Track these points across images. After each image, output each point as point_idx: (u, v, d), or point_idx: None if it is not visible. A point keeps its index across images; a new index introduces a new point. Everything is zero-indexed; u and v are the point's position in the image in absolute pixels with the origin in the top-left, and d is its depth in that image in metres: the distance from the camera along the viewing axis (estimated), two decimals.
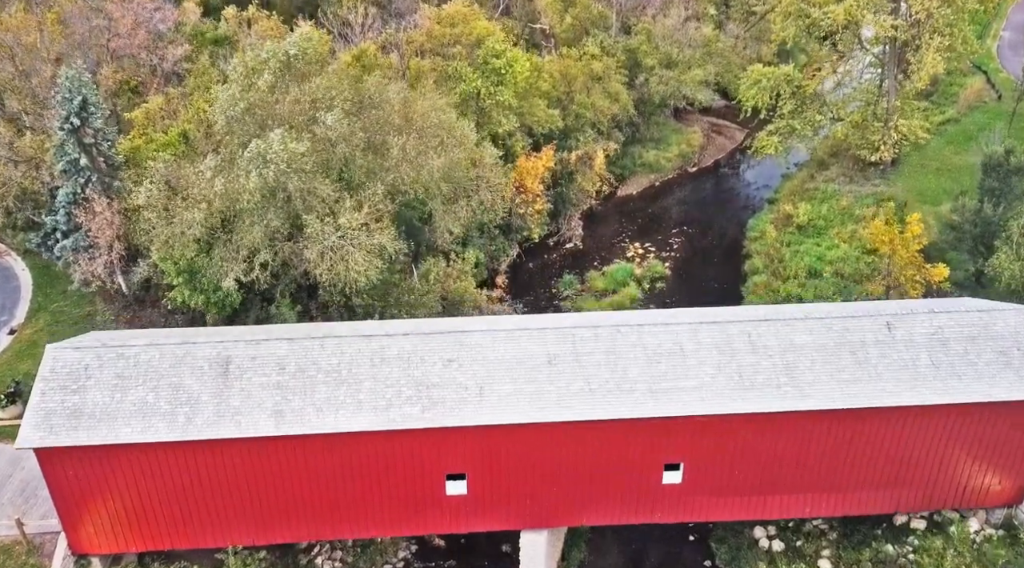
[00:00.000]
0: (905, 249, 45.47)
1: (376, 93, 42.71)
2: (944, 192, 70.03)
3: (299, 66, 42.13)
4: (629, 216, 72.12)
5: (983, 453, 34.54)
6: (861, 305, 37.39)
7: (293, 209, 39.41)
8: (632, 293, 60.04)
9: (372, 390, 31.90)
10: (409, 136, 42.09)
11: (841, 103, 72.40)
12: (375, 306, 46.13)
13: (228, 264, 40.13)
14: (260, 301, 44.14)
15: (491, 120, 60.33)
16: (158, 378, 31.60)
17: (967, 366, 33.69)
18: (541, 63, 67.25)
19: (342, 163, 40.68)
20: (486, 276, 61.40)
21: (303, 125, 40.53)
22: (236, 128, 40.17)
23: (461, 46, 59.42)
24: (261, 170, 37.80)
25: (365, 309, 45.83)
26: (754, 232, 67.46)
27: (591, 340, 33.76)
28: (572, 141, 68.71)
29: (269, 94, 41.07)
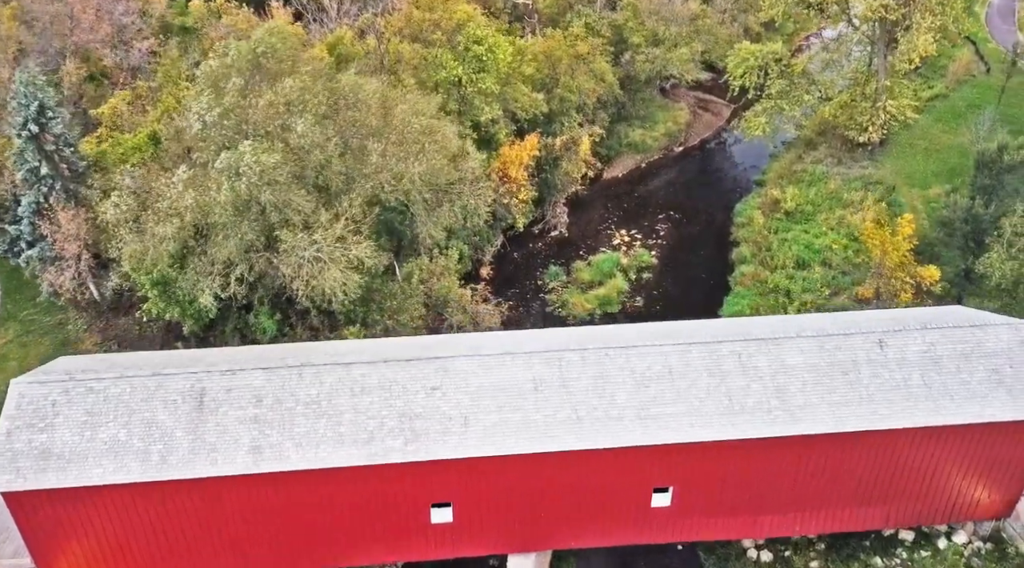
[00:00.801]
0: (896, 252, 44.45)
1: (351, 93, 40.72)
2: (933, 174, 68.95)
3: (269, 65, 40.05)
4: (615, 200, 70.62)
5: (974, 470, 34.00)
6: (853, 318, 36.43)
7: (268, 221, 37.76)
8: (619, 285, 58.90)
9: (353, 422, 30.77)
10: (388, 140, 40.27)
11: (830, 83, 70.72)
12: (357, 311, 44.78)
13: (203, 278, 38.56)
14: (238, 310, 42.67)
15: (473, 108, 58.37)
16: (129, 413, 30.30)
17: (960, 385, 32.93)
18: (524, 46, 64.99)
19: (318, 170, 38.90)
20: (471, 268, 60.10)
21: (276, 132, 38.65)
22: (211, 134, 38.24)
23: (441, 31, 57.10)
24: (233, 183, 36.05)
25: (346, 315, 44.49)
26: (741, 217, 66.21)
27: (578, 364, 32.67)
28: (557, 125, 66.80)
29: (241, 98, 39.06)
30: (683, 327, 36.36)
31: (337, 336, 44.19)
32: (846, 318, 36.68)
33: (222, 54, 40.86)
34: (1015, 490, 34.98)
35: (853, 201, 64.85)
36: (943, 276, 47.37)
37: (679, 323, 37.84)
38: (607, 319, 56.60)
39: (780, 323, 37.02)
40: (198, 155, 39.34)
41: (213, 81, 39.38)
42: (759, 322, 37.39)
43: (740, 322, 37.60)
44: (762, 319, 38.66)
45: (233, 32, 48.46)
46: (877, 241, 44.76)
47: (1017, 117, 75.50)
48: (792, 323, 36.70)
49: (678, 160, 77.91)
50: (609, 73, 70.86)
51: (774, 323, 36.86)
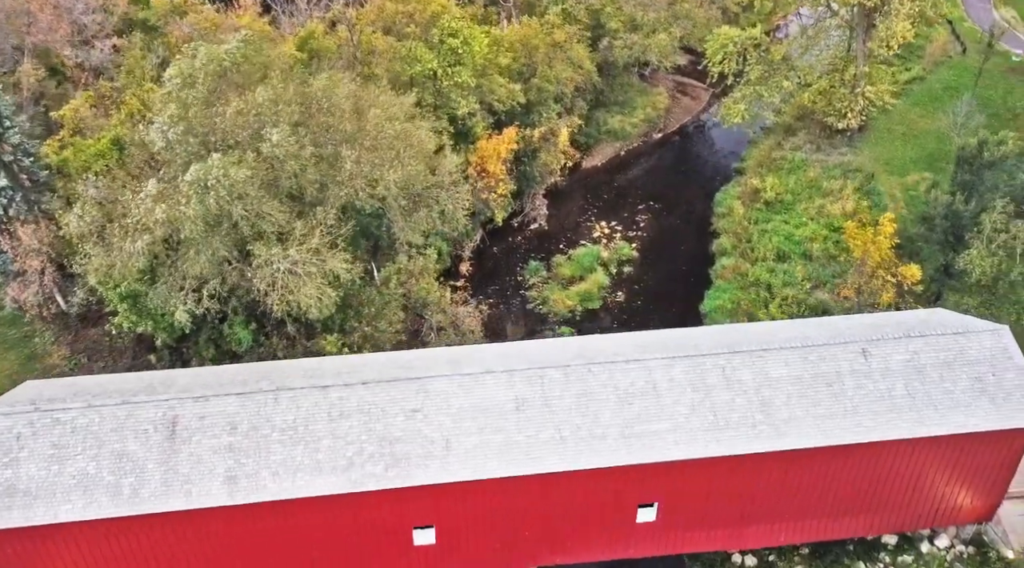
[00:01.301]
0: (878, 252, 43.90)
1: (324, 97, 39.21)
2: (911, 161, 68.48)
3: (238, 78, 38.48)
4: (594, 191, 69.58)
5: (957, 477, 33.78)
6: (836, 326, 35.86)
7: (240, 235, 36.42)
8: (600, 280, 58.09)
9: (331, 448, 29.86)
10: (362, 146, 38.89)
11: (809, 68, 69.78)
12: (334, 319, 43.64)
13: (175, 293, 37.26)
14: (212, 320, 41.42)
15: (449, 102, 56.93)
16: (99, 445, 29.18)
17: (943, 394, 32.56)
18: (500, 35, 63.39)
19: (292, 180, 37.52)
20: (450, 264, 59.03)
21: (247, 142, 37.16)
22: (177, 148, 36.70)
23: (415, 24, 55.40)
24: (202, 197, 34.65)
25: (324, 324, 43.35)
26: (721, 208, 65.45)
27: (561, 382, 31.90)
28: (535, 116, 65.45)
29: (207, 106, 37.48)
30: (666, 337, 35.64)
31: (314, 345, 43.12)
32: (829, 326, 36.13)
33: (190, 56, 39.16)
34: (997, 494, 34.86)
35: (833, 190, 64.33)
36: (923, 271, 46.97)
37: (662, 332, 37.11)
38: (588, 316, 55.93)
39: (763, 331, 36.42)
40: (165, 169, 37.77)
41: (178, 89, 37.67)
42: (742, 330, 36.75)
43: (723, 331, 36.95)
44: (745, 327, 38.01)
45: (197, 31, 46.54)
46: (859, 241, 44.18)
47: (993, 99, 75.21)
48: (775, 330, 36.11)
49: (657, 147, 76.91)
50: (587, 61, 69.45)
51: (757, 331, 36.24)
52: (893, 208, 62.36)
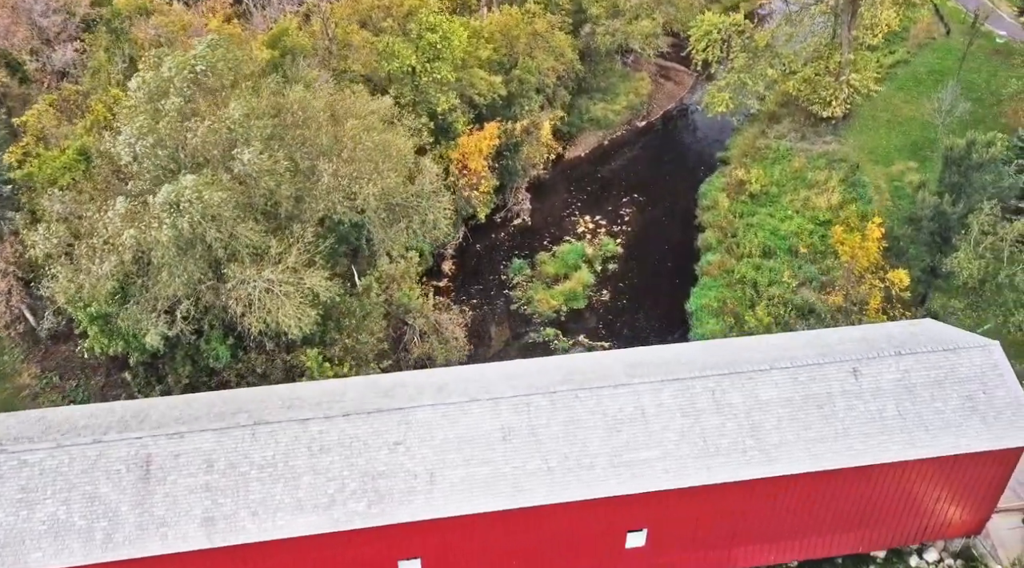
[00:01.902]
0: (866, 257, 43.01)
1: (299, 109, 37.50)
2: (895, 149, 67.55)
3: (210, 82, 36.69)
4: (578, 183, 68.23)
5: (948, 493, 33.30)
6: (826, 341, 35.00)
7: (214, 257, 34.92)
8: (584, 278, 56.98)
9: (312, 485, 28.81)
10: (340, 158, 37.32)
11: (793, 56, 68.36)
12: (314, 332, 42.32)
13: (147, 314, 35.80)
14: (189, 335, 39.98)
15: (429, 98, 55.17)
16: (69, 488, 27.96)
17: (934, 414, 31.93)
18: (480, 26, 61.42)
19: (267, 197, 35.98)
20: (432, 264, 57.72)
21: (219, 160, 35.50)
22: (146, 162, 34.99)
23: (392, 19, 53.41)
24: (175, 220, 33.07)
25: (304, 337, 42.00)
26: (706, 200, 64.31)
27: (547, 409, 30.93)
28: (517, 108, 63.75)
29: (179, 121, 35.72)
30: (654, 356, 34.68)
31: (294, 358, 41.88)
32: (819, 341, 35.31)
33: (154, 65, 37.29)
34: (986, 509, 34.48)
35: (818, 181, 63.39)
36: (910, 271, 46.21)
37: (650, 350, 36.13)
38: (573, 316, 54.95)
39: (752, 347, 35.53)
40: (134, 183, 36.05)
41: (146, 100, 35.88)
42: (731, 347, 35.80)
43: (712, 347, 35.98)
44: (734, 343, 37.08)
45: (163, 35, 44.38)
46: (848, 247, 43.23)
47: (977, 84, 74.16)
48: (764, 347, 35.22)
49: (641, 135, 75.46)
50: (569, 50, 67.67)
51: (746, 347, 35.33)
52: (878, 200, 61.66)
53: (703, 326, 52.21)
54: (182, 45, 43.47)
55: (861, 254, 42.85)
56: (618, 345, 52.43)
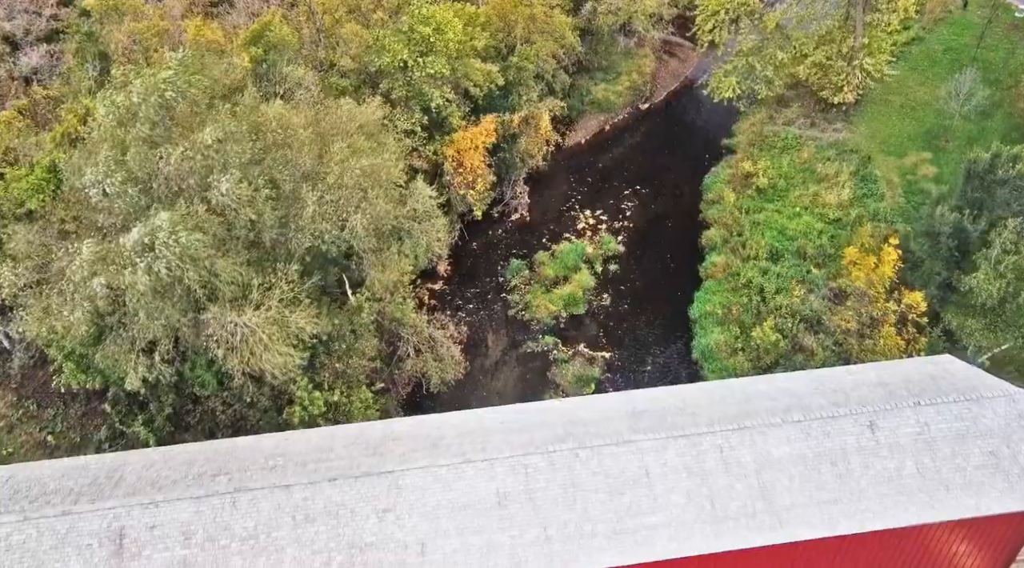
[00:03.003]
0: (882, 283, 40.53)
1: (279, 127, 34.56)
2: (908, 138, 64.42)
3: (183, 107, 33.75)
4: (578, 174, 65.23)
5: (966, 550, 31.49)
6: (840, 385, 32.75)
7: (194, 298, 32.47)
8: (584, 280, 54.53)
9: (296, 559, 26.95)
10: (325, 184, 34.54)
11: (805, 38, 64.57)
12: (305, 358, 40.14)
13: (125, 355, 33.54)
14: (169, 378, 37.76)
15: (422, 93, 51.92)
16: (37, 566, 26.10)
17: (955, 472, 29.96)
18: (475, 12, 57.68)
19: (248, 227, 33.35)
20: (427, 264, 55.03)
21: (195, 189, 32.77)
22: (117, 201, 32.27)
23: (383, 10, 49.83)
24: (150, 263, 30.53)
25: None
26: (711, 193, 61.47)
27: (546, 470, 28.91)
28: (515, 97, 60.39)
29: (150, 148, 32.89)
30: (658, 401, 32.45)
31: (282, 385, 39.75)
32: (831, 384, 33.08)
33: (123, 84, 34.27)
34: (1004, 563, 32.81)
35: (827, 174, 60.47)
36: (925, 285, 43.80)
37: (653, 395, 33.78)
38: (573, 323, 52.69)
39: (763, 390, 33.29)
40: (104, 217, 33.36)
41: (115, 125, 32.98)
42: (739, 392, 33.44)
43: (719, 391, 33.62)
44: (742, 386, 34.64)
45: (139, 43, 40.88)
46: (862, 273, 40.69)
47: (994, 63, 70.72)
48: (774, 392, 32.99)
49: (644, 119, 72.08)
50: (569, 33, 63.91)
51: (756, 393, 33.06)
52: (890, 197, 58.86)
53: (707, 335, 50.04)
54: (156, 56, 40.16)
55: (876, 279, 40.37)
56: (619, 355, 50.43)
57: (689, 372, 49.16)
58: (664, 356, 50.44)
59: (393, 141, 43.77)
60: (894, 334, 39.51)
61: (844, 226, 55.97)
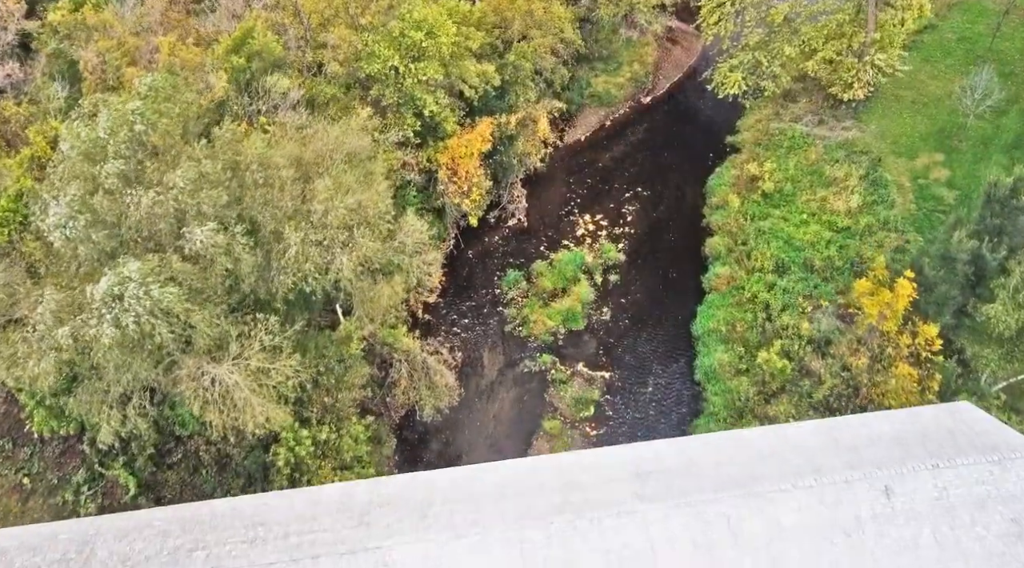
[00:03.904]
0: (895, 320, 38.30)
1: (260, 167, 31.98)
2: (920, 138, 61.58)
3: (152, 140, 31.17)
4: (577, 175, 62.52)
5: None
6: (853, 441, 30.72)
7: (167, 353, 30.28)
8: (583, 293, 52.25)
9: None
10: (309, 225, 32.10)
11: (815, 33, 61.36)
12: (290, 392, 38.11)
13: (98, 405, 31.48)
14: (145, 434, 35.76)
15: (415, 99, 49.08)
16: None
17: (974, 541, 28.07)
18: (470, 11, 54.46)
19: (225, 276, 31.03)
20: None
21: (167, 234, 30.36)
22: (82, 248, 29.89)
23: (371, 15, 46.76)
24: (119, 316, 28.30)
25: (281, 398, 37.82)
26: (715, 197, 58.85)
27: (542, 545, 26.99)
28: (512, 97, 57.45)
29: (121, 187, 30.40)
30: (662, 464, 30.45)
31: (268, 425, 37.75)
32: (844, 439, 31.03)
33: (90, 113, 31.65)
34: None
35: (836, 178, 57.85)
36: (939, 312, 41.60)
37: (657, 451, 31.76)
38: (571, 339, 50.59)
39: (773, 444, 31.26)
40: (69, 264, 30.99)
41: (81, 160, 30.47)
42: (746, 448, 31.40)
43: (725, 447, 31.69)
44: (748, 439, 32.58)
45: (110, 63, 37.90)
46: (874, 309, 38.40)
47: (1009, 55, 67.72)
48: (782, 446, 30.96)
49: (645, 114, 69.03)
50: (568, 27, 60.67)
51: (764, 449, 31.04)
52: (901, 203, 56.31)
53: (710, 354, 47.99)
54: (129, 74, 37.28)
55: (890, 315, 38.13)
56: (619, 375, 48.43)
57: (692, 394, 47.26)
58: (666, 376, 48.45)
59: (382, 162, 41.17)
60: (907, 371, 37.45)
61: (853, 235, 53.61)
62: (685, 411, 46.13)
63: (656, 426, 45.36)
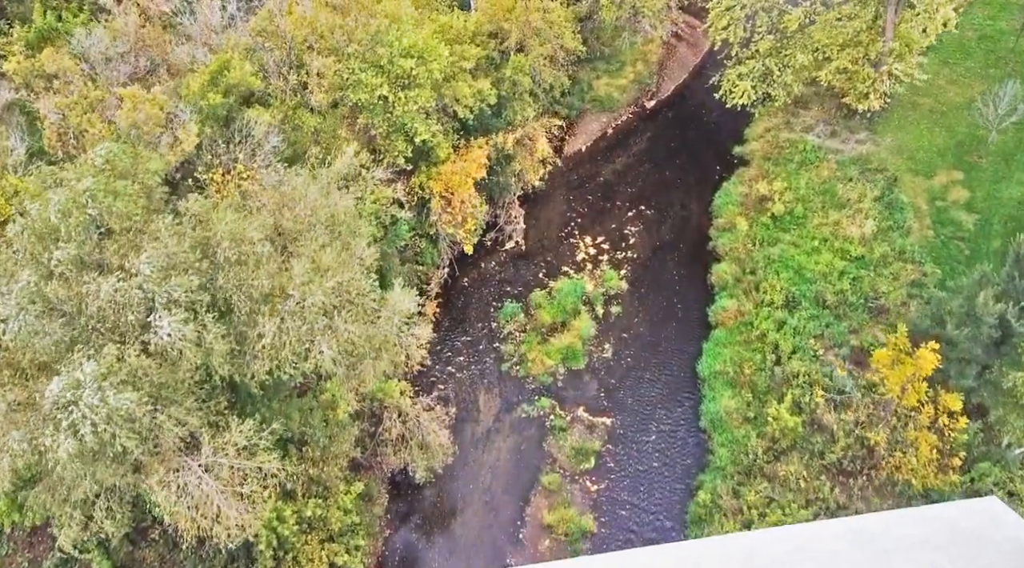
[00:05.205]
0: (917, 395, 35.53)
1: (232, 243, 28.87)
2: (938, 153, 58.03)
3: (113, 222, 28.06)
4: (578, 191, 59.12)
5: None
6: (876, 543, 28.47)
7: (131, 459, 27.62)
8: (584, 328, 49.33)
9: None
10: (285, 308, 29.14)
11: (829, 41, 57.33)
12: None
13: (60, 506, 28.97)
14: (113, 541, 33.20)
15: (405, 126, 45.56)
16: None
17: None
18: (464, 27, 50.46)
19: (193, 370, 28.21)
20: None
21: (132, 329, 27.44)
22: (35, 341, 27.02)
23: (356, 43, 42.95)
24: (75, 423, 25.60)
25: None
26: (721, 217, 55.50)
27: None
28: (509, 113, 53.86)
29: (77, 274, 27.41)
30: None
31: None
32: (866, 539, 28.67)
33: (39, 191, 28.47)
34: None
35: (850, 199, 54.57)
36: (960, 373, 38.87)
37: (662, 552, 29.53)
38: (571, 379, 47.89)
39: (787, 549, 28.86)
40: (20, 356, 28.11)
41: (32, 246, 27.43)
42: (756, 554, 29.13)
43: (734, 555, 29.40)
44: (760, 544, 30.30)
45: (70, 120, 34.11)
46: (897, 383, 35.57)
47: None
48: (800, 555, 28.58)
49: (649, 120, 65.33)
50: (569, 35, 56.73)
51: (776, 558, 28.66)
52: (918, 229, 53.09)
53: (718, 399, 45.34)
54: (89, 136, 33.75)
55: (912, 391, 35.36)
56: (621, 421, 45.84)
57: (696, 442, 44.76)
58: (670, 422, 45.91)
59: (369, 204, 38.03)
60: (930, 451, 34.89)
61: (867, 265, 50.58)
62: (690, 462, 43.70)
63: (660, 481, 42.99)
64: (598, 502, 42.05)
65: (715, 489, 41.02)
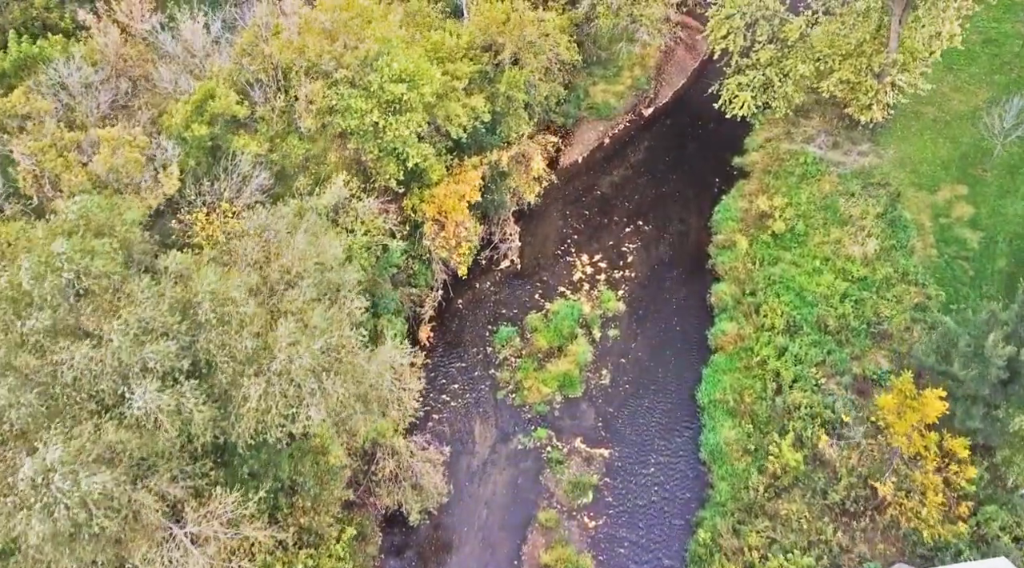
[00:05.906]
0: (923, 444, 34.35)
1: (215, 305, 27.40)
2: (941, 166, 56.48)
3: (86, 283, 26.57)
4: (574, 206, 57.45)
5: None
6: None
7: (111, 537, 26.37)
8: (581, 353, 47.92)
9: None
10: (272, 372, 27.76)
11: (830, 51, 55.45)
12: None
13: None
14: None
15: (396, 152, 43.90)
16: None
17: None
18: (457, 43, 48.54)
19: (173, 440, 26.88)
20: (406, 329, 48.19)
21: (110, 398, 26.07)
22: (11, 414, 25.64)
23: (345, 69, 41.11)
24: (48, 505, 24.34)
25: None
26: (721, 234, 53.93)
27: None
28: (503, 129, 52.13)
29: (50, 343, 26.00)
30: None
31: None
32: None
33: (9, 256, 26.96)
34: None
35: (852, 216, 53.14)
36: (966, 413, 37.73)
37: None
38: (568, 407, 46.63)
39: None
40: None
41: (3, 314, 25.97)
42: None
43: None
44: None
45: (42, 166, 32.29)
46: (902, 431, 34.33)
47: None
48: None
49: (646, 129, 63.46)
50: (564, 47, 54.82)
51: None
52: (921, 248, 51.73)
53: (718, 429, 44.16)
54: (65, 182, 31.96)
55: (919, 439, 34.20)
56: (619, 452, 44.65)
57: (696, 474, 43.64)
58: (669, 453, 44.76)
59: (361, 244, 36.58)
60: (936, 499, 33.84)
61: (870, 286, 49.29)
62: (689, 497, 42.63)
63: (659, 516, 41.97)
64: (596, 539, 41.06)
65: (715, 527, 40.02)
